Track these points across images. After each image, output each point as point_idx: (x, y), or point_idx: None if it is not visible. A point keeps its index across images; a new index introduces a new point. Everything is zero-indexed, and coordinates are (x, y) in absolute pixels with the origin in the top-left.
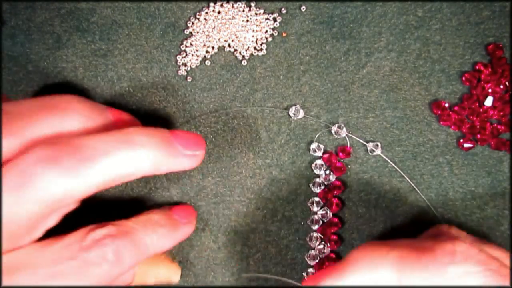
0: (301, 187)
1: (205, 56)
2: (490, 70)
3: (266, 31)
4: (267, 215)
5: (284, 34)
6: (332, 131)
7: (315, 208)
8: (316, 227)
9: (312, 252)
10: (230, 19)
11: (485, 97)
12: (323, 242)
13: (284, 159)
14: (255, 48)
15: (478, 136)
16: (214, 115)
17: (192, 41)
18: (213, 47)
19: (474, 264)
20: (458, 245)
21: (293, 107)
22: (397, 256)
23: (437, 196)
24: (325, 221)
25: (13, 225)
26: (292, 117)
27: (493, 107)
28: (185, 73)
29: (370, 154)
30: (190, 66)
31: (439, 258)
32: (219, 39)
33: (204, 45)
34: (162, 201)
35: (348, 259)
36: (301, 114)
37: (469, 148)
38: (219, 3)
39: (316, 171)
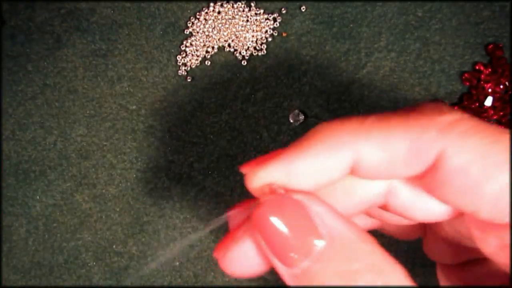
0: None
1: (205, 56)
2: (490, 70)
3: (266, 31)
4: None
5: (284, 34)
6: None
7: None
8: None
9: None
10: (230, 19)
11: (485, 97)
12: None
13: None
14: (255, 48)
15: None
16: (214, 115)
17: (192, 41)
18: (213, 47)
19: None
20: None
21: (292, 113)
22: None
23: None
24: None
25: None
26: (293, 123)
27: (493, 107)
28: (185, 73)
29: None
30: (190, 66)
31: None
32: (219, 39)
33: (204, 45)
34: (162, 200)
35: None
36: (301, 118)
37: None
38: (219, 3)
39: None
